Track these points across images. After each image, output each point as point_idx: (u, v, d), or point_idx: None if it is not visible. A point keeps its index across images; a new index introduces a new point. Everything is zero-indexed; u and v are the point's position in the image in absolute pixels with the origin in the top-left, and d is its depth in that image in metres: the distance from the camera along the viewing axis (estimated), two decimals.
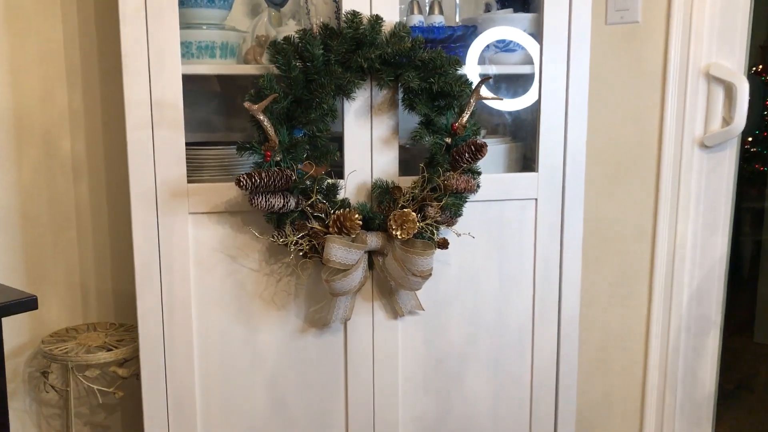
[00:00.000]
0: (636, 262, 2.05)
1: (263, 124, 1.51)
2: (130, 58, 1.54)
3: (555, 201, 1.81)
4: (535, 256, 1.83)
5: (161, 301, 1.64)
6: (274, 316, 1.71)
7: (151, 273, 1.62)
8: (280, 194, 1.56)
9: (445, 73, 1.61)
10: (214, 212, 1.64)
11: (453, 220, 1.69)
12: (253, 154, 1.55)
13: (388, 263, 1.66)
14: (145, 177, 1.58)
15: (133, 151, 1.57)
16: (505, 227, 1.80)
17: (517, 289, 1.84)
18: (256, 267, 1.68)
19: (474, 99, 1.65)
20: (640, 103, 1.99)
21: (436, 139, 1.65)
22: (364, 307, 1.74)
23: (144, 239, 1.60)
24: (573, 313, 1.87)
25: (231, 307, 1.68)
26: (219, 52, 1.69)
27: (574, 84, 1.76)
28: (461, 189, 1.65)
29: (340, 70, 1.56)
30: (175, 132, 1.58)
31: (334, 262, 1.57)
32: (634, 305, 2.08)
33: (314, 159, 1.61)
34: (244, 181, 1.50)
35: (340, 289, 1.61)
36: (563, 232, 1.82)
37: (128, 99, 1.55)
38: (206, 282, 1.66)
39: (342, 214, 1.59)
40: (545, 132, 1.78)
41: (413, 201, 1.65)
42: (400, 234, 1.61)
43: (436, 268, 1.75)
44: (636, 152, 2.01)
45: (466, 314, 1.82)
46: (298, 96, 1.56)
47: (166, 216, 1.60)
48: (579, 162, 1.80)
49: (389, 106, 1.68)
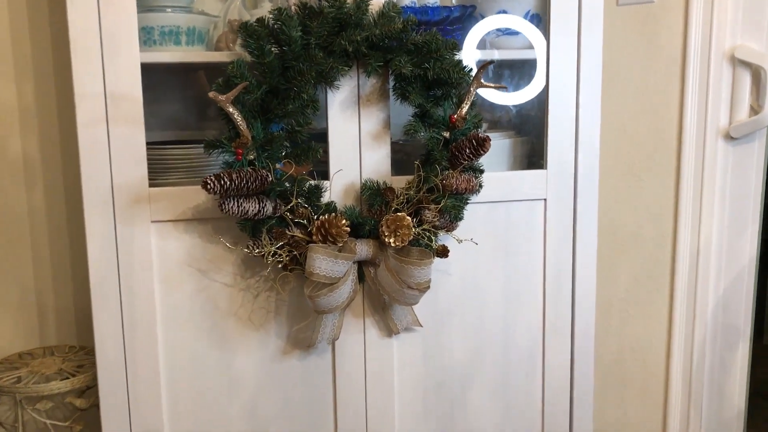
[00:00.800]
0: (655, 268, 1.86)
1: (233, 117, 1.31)
2: (79, 44, 1.34)
3: (566, 201, 1.61)
4: (544, 263, 1.63)
5: (121, 322, 1.43)
6: (252, 336, 1.50)
7: (108, 291, 1.41)
8: (255, 198, 1.36)
9: (441, 57, 1.42)
10: (181, 220, 1.43)
11: (453, 225, 1.49)
12: (223, 152, 1.35)
13: (381, 275, 1.46)
14: (100, 180, 1.38)
15: (85, 151, 1.37)
16: (511, 231, 1.60)
17: (526, 300, 1.64)
18: (230, 282, 1.48)
19: (474, 87, 1.46)
20: (657, 92, 1.79)
21: (432, 133, 1.45)
22: (355, 325, 1.54)
23: (100, 252, 1.40)
24: (588, 326, 1.67)
25: (202, 327, 1.48)
26: (185, 38, 1.49)
27: (586, 69, 1.57)
28: (462, 189, 1.46)
29: (322, 55, 1.36)
30: (133, 128, 1.38)
31: (319, 275, 1.37)
32: (653, 315, 1.88)
33: (294, 157, 1.41)
34: (212, 184, 1.30)
35: (327, 306, 1.40)
36: (576, 235, 1.63)
37: (78, 91, 1.35)
38: (173, 300, 1.46)
39: (327, 220, 1.39)
40: (554, 124, 1.59)
41: (408, 204, 1.45)
42: (394, 241, 1.41)
43: (435, 278, 1.55)
44: (653, 146, 1.82)
45: (469, 329, 1.62)
46: (273, 85, 1.36)
47: (125, 225, 1.40)
48: (592, 157, 1.61)
49: (379, 97, 1.49)
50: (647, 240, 1.86)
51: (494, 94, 1.64)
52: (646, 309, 1.89)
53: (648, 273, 1.87)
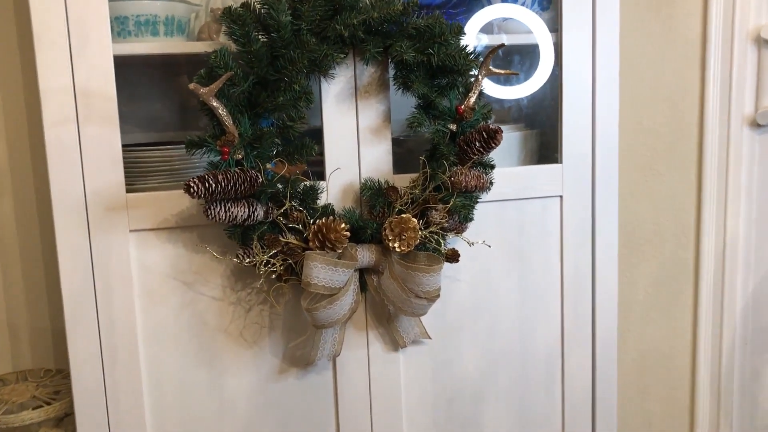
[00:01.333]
0: (677, 267, 1.73)
1: (217, 112, 1.18)
2: (44, 34, 1.20)
3: (584, 197, 1.49)
4: (562, 266, 1.50)
5: (99, 343, 1.29)
6: (245, 355, 1.37)
7: (83, 309, 1.27)
8: (244, 202, 1.23)
9: (446, 42, 1.29)
10: (163, 228, 1.29)
11: (463, 226, 1.36)
12: (208, 152, 1.21)
13: (385, 283, 1.32)
14: (71, 186, 1.24)
15: (54, 153, 1.23)
16: (525, 232, 1.47)
17: (543, 306, 1.51)
18: (218, 295, 1.34)
19: (483, 75, 1.33)
20: (675, 79, 1.67)
21: (437, 125, 1.32)
22: (357, 339, 1.41)
23: (73, 266, 1.26)
24: (610, 333, 1.54)
25: (190, 346, 1.34)
26: (163, 28, 1.35)
27: (602, 53, 1.44)
28: (472, 187, 1.33)
29: (314, 41, 1.22)
30: (107, 127, 1.24)
31: (317, 286, 1.23)
32: (676, 319, 1.75)
33: (286, 156, 1.27)
34: (196, 187, 1.16)
35: (326, 320, 1.27)
36: (595, 234, 1.50)
37: (44, 87, 1.21)
38: (157, 316, 1.32)
39: (324, 224, 1.25)
40: (569, 115, 1.46)
41: (413, 204, 1.32)
42: (399, 246, 1.28)
43: (444, 285, 1.42)
44: (673, 136, 1.69)
45: (481, 341, 1.49)
46: (261, 76, 1.23)
47: (100, 235, 1.26)
48: (611, 149, 1.48)
49: (378, 88, 1.35)
50: (668, 238, 1.73)
51: (497, 89, 1.51)
52: (669, 312, 1.76)
53: (669, 273, 1.74)
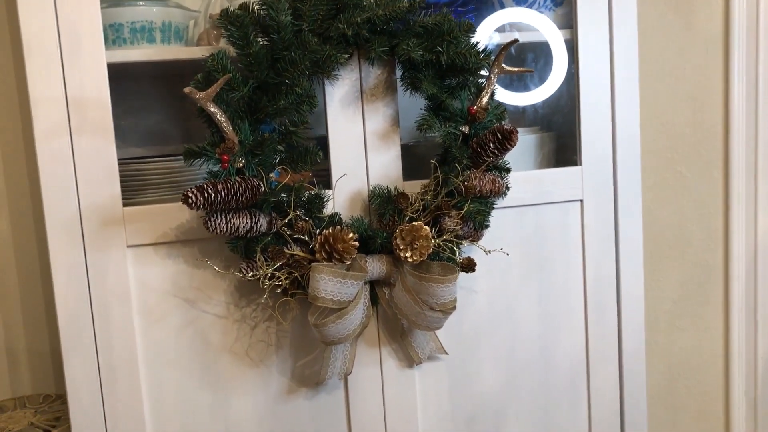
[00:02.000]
0: (706, 273, 1.64)
1: (215, 118, 1.12)
2: (34, 42, 1.14)
3: (605, 201, 1.41)
4: (584, 274, 1.42)
5: (97, 365, 1.22)
6: (251, 375, 1.29)
7: (80, 329, 1.21)
8: (246, 212, 1.16)
9: (455, 40, 1.22)
10: (162, 243, 1.23)
11: (478, 234, 1.29)
12: (207, 161, 1.15)
13: (397, 295, 1.25)
14: (65, 200, 1.18)
15: (46, 166, 1.17)
16: (545, 239, 1.40)
17: (565, 317, 1.43)
18: (222, 312, 1.27)
19: (495, 73, 1.26)
20: (696, 76, 1.59)
21: (449, 128, 1.25)
22: (369, 356, 1.33)
23: (67, 285, 1.19)
24: (637, 344, 1.46)
25: (193, 367, 1.27)
26: (159, 35, 1.30)
27: (620, 48, 1.37)
28: (487, 191, 1.25)
29: (316, 41, 1.16)
30: (102, 138, 1.18)
31: (325, 299, 1.16)
32: (706, 328, 1.66)
33: (290, 163, 1.21)
34: (194, 197, 1.10)
35: (336, 336, 1.19)
36: (618, 239, 1.42)
37: (34, 97, 1.15)
38: (157, 336, 1.25)
39: (331, 234, 1.18)
40: (587, 115, 1.38)
41: (425, 211, 1.25)
42: (411, 256, 1.21)
43: (460, 297, 1.34)
44: (696, 137, 1.61)
45: (501, 355, 1.40)
46: (262, 80, 1.17)
47: (96, 251, 1.20)
48: (632, 149, 1.40)
49: (385, 91, 1.29)
50: (695, 242, 1.64)
51: (510, 95, 1.44)
52: (698, 321, 1.67)
53: (697, 280, 1.65)
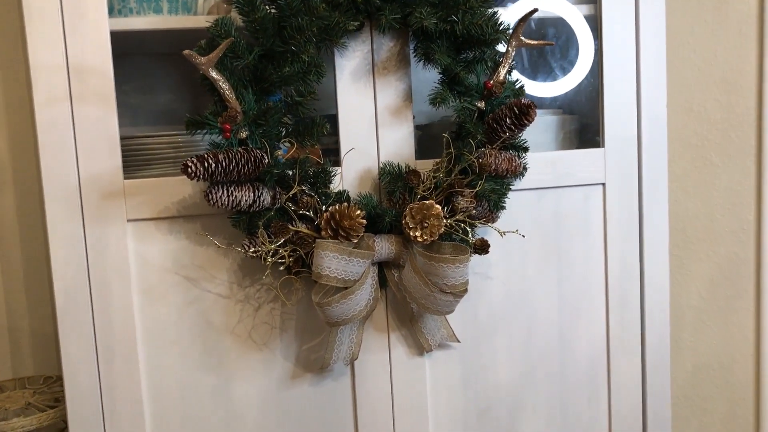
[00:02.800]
0: (736, 268, 1.56)
1: (218, 85, 1.07)
2: (35, 7, 1.11)
3: (629, 185, 1.34)
4: (606, 262, 1.35)
5: (95, 345, 1.18)
6: (254, 358, 1.24)
7: (77, 306, 1.17)
8: (249, 185, 1.11)
9: (471, 9, 1.16)
10: (163, 218, 1.19)
11: (493, 215, 1.22)
12: (209, 131, 1.10)
13: (407, 277, 1.19)
14: (64, 171, 1.14)
15: (45, 136, 1.13)
16: (564, 223, 1.33)
17: (585, 307, 1.36)
18: (225, 292, 1.22)
19: (513, 46, 1.20)
20: (728, 59, 1.51)
21: (464, 102, 1.19)
22: (377, 342, 1.27)
23: (65, 259, 1.16)
24: (662, 338, 1.38)
25: (194, 348, 1.22)
26: (167, 5, 1.26)
27: (647, 22, 1.31)
28: (503, 170, 1.19)
29: (324, 7, 1.11)
30: (103, 108, 1.14)
31: (328, 277, 1.11)
32: (735, 325, 1.57)
33: (296, 136, 1.16)
34: (194, 167, 1.05)
35: (340, 316, 1.14)
36: (642, 226, 1.35)
37: (34, 63, 1.12)
38: (157, 315, 1.21)
39: (338, 211, 1.13)
40: (611, 92, 1.32)
41: (436, 190, 1.19)
42: (421, 235, 1.15)
43: (474, 283, 1.28)
44: (727, 123, 1.53)
45: (516, 345, 1.34)
46: (268, 48, 1.12)
47: (95, 225, 1.16)
48: (659, 130, 1.33)
49: (398, 64, 1.23)
50: (724, 234, 1.56)
51: (533, 85, 1.38)
52: (727, 318, 1.58)
53: (726, 274, 1.57)
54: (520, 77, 1.32)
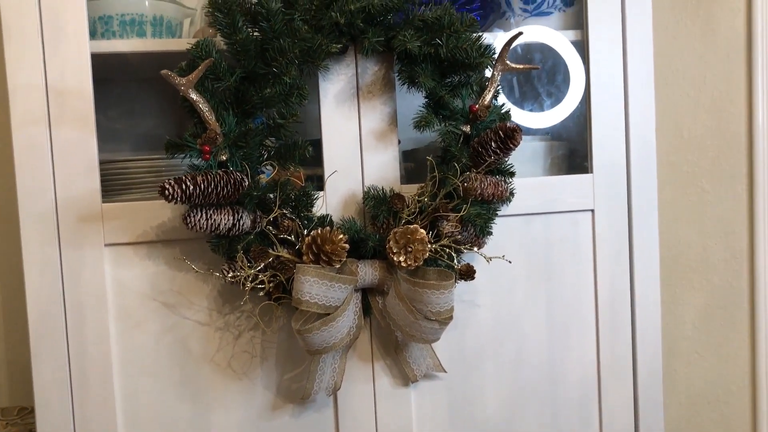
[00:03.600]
0: (728, 296, 1.53)
1: (197, 106, 1.05)
2: (13, 25, 1.10)
3: (618, 211, 1.31)
4: (596, 289, 1.32)
5: (69, 372, 1.15)
6: (234, 388, 1.20)
7: (51, 333, 1.13)
8: (229, 209, 1.09)
9: (456, 33, 1.15)
10: (142, 242, 1.16)
11: (480, 240, 1.20)
12: (189, 154, 1.08)
13: (391, 304, 1.16)
14: (40, 194, 1.12)
15: (22, 157, 1.11)
16: (554, 250, 1.30)
17: (575, 337, 1.32)
18: (204, 319, 1.19)
19: (499, 70, 1.19)
20: (717, 85, 1.50)
21: (449, 126, 1.18)
22: (361, 371, 1.24)
23: (40, 284, 1.13)
24: (653, 368, 1.35)
25: (171, 377, 1.19)
26: (150, 29, 1.25)
27: (634, 48, 1.30)
28: (488, 195, 1.17)
29: (306, 28, 1.10)
30: (82, 130, 1.13)
31: (309, 303, 1.08)
32: (730, 356, 1.54)
33: (278, 159, 1.14)
34: (171, 189, 1.03)
35: (321, 344, 1.10)
36: (633, 252, 1.32)
37: (12, 84, 1.10)
38: (134, 343, 1.17)
39: (319, 235, 1.10)
40: (598, 117, 1.30)
41: (421, 214, 1.17)
42: (405, 260, 1.12)
43: (461, 311, 1.25)
44: (717, 149, 1.52)
45: (505, 374, 1.30)
46: (250, 70, 1.10)
47: (71, 249, 1.13)
48: (648, 156, 1.32)
49: (383, 88, 1.22)
50: (717, 263, 1.54)
51: (523, 115, 1.37)
52: (721, 349, 1.55)
53: (720, 304, 1.54)
54: (513, 108, 1.30)
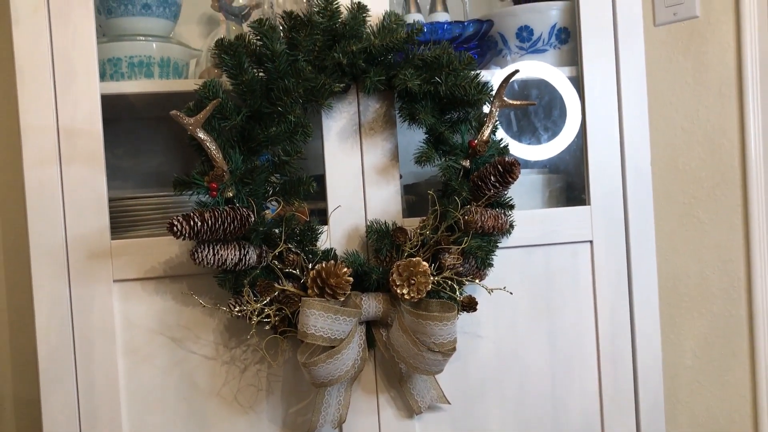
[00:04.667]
0: (729, 326, 1.55)
1: (205, 145, 1.08)
2: (26, 69, 1.14)
3: (617, 242, 1.34)
4: (596, 319, 1.34)
5: (77, 408, 1.16)
6: (240, 421, 1.22)
7: (61, 368, 1.15)
8: (235, 244, 1.11)
9: (454, 71, 1.19)
10: (150, 278, 1.18)
11: (481, 272, 1.22)
12: (196, 191, 1.11)
13: (394, 336, 1.18)
14: (51, 231, 1.15)
15: (33, 196, 1.14)
16: (554, 281, 1.32)
17: (577, 367, 1.34)
18: (211, 353, 1.21)
19: (497, 106, 1.22)
20: (710, 118, 1.54)
21: (449, 161, 1.21)
22: (366, 403, 1.25)
23: (50, 319, 1.15)
24: (656, 398, 1.36)
25: (178, 411, 1.20)
26: (158, 70, 1.29)
27: (628, 83, 1.34)
28: (489, 227, 1.20)
29: (310, 69, 1.14)
30: (92, 169, 1.16)
31: (314, 336, 1.10)
32: (731, 385, 1.55)
33: (283, 194, 1.17)
34: (180, 226, 1.06)
35: (326, 376, 1.12)
36: (632, 283, 1.34)
37: (25, 124, 1.14)
38: (142, 377, 1.19)
39: (324, 269, 1.13)
40: (595, 150, 1.34)
41: (423, 247, 1.19)
42: (408, 293, 1.14)
43: (464, 343, 1.27)
44: (713, 180, 1.55)
45: (508, 405, 1.31)
46: (255, 109, 1.14)
47: (81, 285, 1.15)
48: (644, 187, 1.35)
49: (384, 124, 1.26)
50: (716, 292, 1.56)
51: (521, 148, 1.41)
52: (722, 377, 1.56)
53: (720, 332, 1.56)
54: (511, 141, 1.34)
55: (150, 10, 1.30)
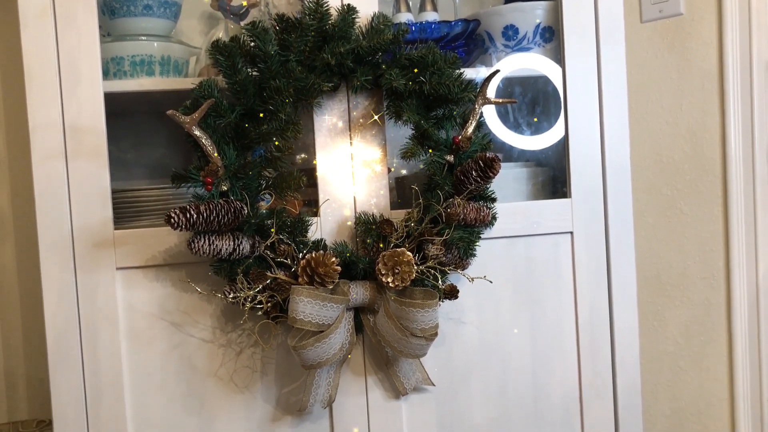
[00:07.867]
0: (708, 314, 1.60)
1: (200, 142, 1.15)
2: (34, 70, 1.21)
3: (596, 233, 1.40)
4: (576, 308, 1.40)
5: (83, 388, 1.24)
6: (236, 401, 1.29)
7: (68, 350, 1.23)
8: (229, 235, 1.18)
9: (439, 71, 1.25)
10: (151, 266, 1.26)
11: (463, 262, 1.29)
12: (193, 185, 1.18)
13: (380, 322, 1.25)
14: (58, 223, 1.22)
15: (41, 189, 1.22)
16: (535, 271, 1.39)
17: (557, 353, 1.40)
18: (208, 337, 1.28)
19: (480, 104, 1.28)
20: (693, 112, 1.59)
21: (434, 156, 1.27)
22: (355, 385, 1.32)
23: (57, 305, 1.22)
24: (633, 382, 1.42)
25: (178, 391, 1.28)
26: (159, 68, 1.36)
27: (608, 80, 1.39)
28: (471, 219, 1.26)
29: (300, 69, 1.20)
30: (96, 163, 1.23)
31: (303, 321, 1.17)
32: (710, 370, 1.61)
33: (275, 188, 1.23)
34: (176, 218, 1.13)
35: (315, 359, 1.19)
36: (610, 272, 1.40)
37: (33, 122, 1.21)
38: (143, 359, 1.26)
39: (313, 258, 1.20)
40: (576, 145, 1.39)
41: (408, 238, 1.26)
42: (393, 281, 1.21)
43: (448, 329, 1.34)
44: (694, 173, 1.60)
45: (491, 389, 1.38)
46: (248, 107, 1.20)
47: (86, 273, 1.23)
48: (623, 181, 1.40)
49: (373, 121, 1.32)
50: (696, 281, 1.62)
51: (514, 137, 1.47)
52: (701, 362, 1.62)
53: (700, 320, 1.62)
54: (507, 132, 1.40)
55: (151, 10, 1.36)
